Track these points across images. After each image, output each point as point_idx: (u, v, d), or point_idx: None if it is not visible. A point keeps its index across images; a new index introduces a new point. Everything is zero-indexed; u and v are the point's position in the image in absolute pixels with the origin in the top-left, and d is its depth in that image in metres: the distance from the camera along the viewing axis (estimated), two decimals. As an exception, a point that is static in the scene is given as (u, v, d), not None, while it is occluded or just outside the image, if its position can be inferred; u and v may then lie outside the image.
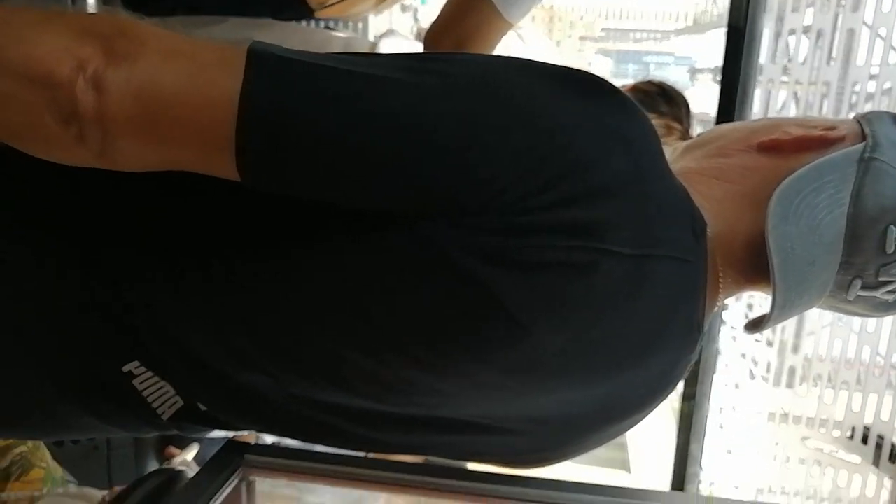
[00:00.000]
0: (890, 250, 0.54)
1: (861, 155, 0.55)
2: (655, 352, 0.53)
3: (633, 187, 0.48)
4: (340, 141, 0.43)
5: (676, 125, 1.15)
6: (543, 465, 0.65)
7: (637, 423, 0.61)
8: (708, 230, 0.54)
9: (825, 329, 1.41)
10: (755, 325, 0.59)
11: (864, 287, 0.57)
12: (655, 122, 1.06)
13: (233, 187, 0.45)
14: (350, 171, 0.44)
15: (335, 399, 0.55)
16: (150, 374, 0.55)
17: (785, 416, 1.47)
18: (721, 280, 0.56)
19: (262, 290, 0.50)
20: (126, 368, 0.54)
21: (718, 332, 1.62)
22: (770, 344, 1.50)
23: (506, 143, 0.44)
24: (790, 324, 1.47)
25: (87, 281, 0.52)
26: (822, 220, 0.54)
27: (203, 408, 0.58)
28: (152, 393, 0.56)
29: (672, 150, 0.65)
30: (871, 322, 1.32)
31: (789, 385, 1.45)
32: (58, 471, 1.28)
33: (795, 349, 1.45)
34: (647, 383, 0.57)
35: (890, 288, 0.57)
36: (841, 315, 0.72)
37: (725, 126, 0.67)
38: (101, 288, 0.52)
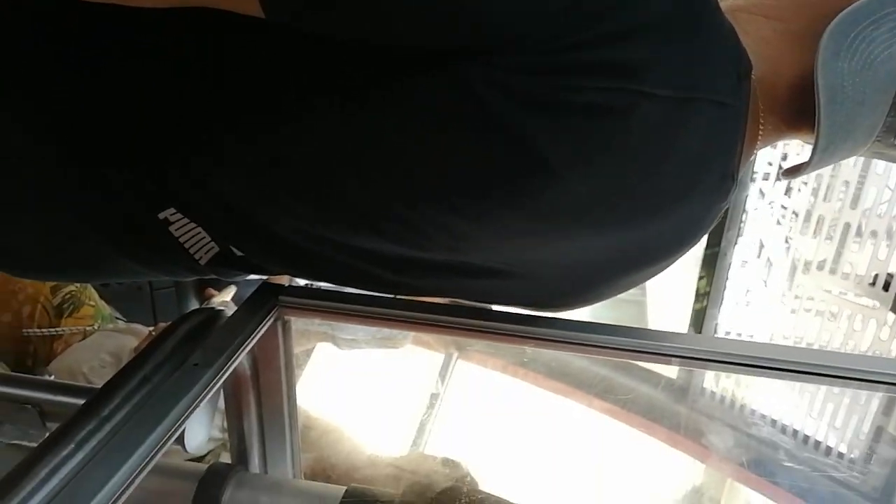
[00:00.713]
0: None
1: None
2: (687, 200, 0.52)
3: (676, 25, 0.44)
4: None
5: None
6: (565, 310, 0.66)
7: (663, 269, 0.61)
8: (753, 73, 0.51)
9: (855, 179, 1.38)
10: (794, 171, 0.56)
11: None
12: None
13: (263, 26, 0.43)
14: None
15: (368, 245, 0.55)
16: (185, 220, 0.56)
17: (808, 264, 1.48)
18: (761, 126, 0.54)
19: (294, 136, 0.49)
20: (162, 216, 0.55)
21: (749, 179, 1.60)
22: (799, 191, 1.48)
23: None
24: (825, 172, 1.44)
25: (117, 127, 0.52)
26: (878, 57, 0.50)
27: (239, 253, 0.59)
28: (189, 239, 0.57)
29: None
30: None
31: (815, 234, 1.45)
32: (106, 309, 1.37)
33: (827, 198, 1.43)
34: (676, 231, 0.55)
35: None
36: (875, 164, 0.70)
37: None
38: (132, 133, 0.52)
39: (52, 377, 1.11)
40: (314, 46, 0.46)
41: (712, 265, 1.58)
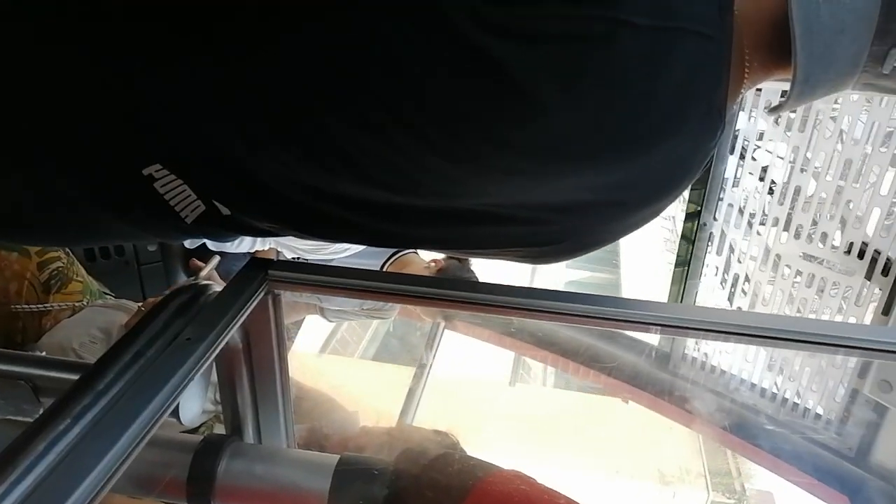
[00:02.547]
0: None
1: None
2: (673, 134, 0.51)
3: None
4: None
5: None
6: (559, 260, 0.65)
7: (655, 214, 0.60)
8: (735, 8, 0.50)
9: (832, 146, 1.40)
10: (777, 107, 0.56)
11: None
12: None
13: None
14: None
15: (354, 191, 0.54)
16: (171, 177, 0.55)
17: (786, 230, 1.50)
18: (747, 64, 0.53)
19: (269, 60, 0.48)
20: (147, 171, 0.54)
21: (727, 151, 1.61)
22: (781, 158, 1.50)
23: None
24: (802, 141, 1.46)
25: (101, 72, 0.51)
26: None
27: (225, 211, 0.58)
28: (174, 196, 0.56)
29: None
30: (879, 140, 1.31)
31: (794, 202, 1.47)
32: (94, 284, 1.37)
33: (804, 168, 1.45)
34: (665, 169, 0.54)
35: None
36: (851, 128, 0.69)
37: None
38: (116, 77, 0.51)
39: (44, 353, 1.11)
40: None
41: (691, 235, 1.61)
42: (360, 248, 1.52)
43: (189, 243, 1.61)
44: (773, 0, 0.51)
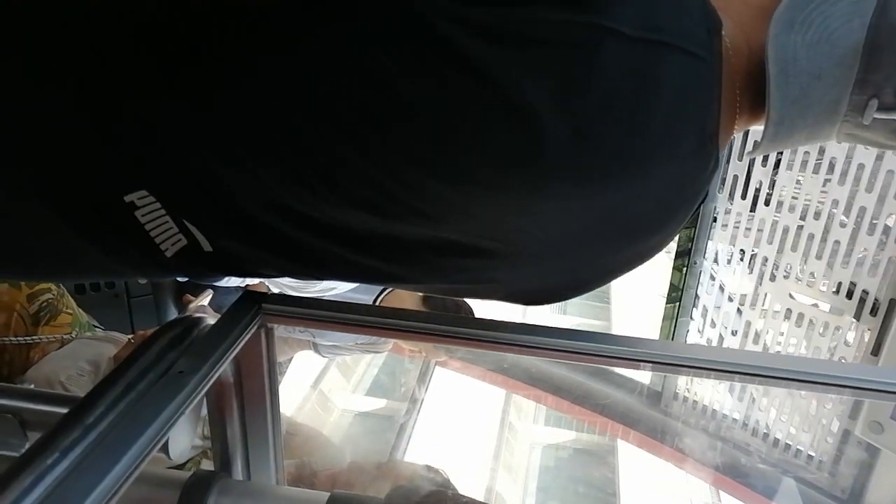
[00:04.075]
0: None
1: None
2: (664, 158, 0.49)
3: None
4: None
5: None
6: (554, 301, 0.63)
7: (645, 256, 0.58)
8: (725, 39, 0.50)
9: (818, 186, 1.42)
10: (752, 150, 0.57)
11: (882, 108, 0.52)
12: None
13: None
14: None
15: (333, 213, 0.52)
16: (153, 205, 0.53)
17: (774, 273, 1.52)
18: (738, 102, 0.53)
19: (258, 87, 0.47)
20: (128, 198, 0.52)
21: (717, 191, 1.63)
22: (767, 204, 1.52)
23: None
24: (788, 183, 1.48)
25: (85, 96, 0.50)
26: (836, 30, 0.50)
27: (207, 248, 0.57)
28: (155, 227, 0.55)
29: None
30: (865, 179, 1.33)
31: (781, 244, 1.49)
32: (84, 317, 1.36)
33: (792, 209, 1.47)
34: (658, 196, 0.52)
35: None
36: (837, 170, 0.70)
37: None
38: (102, 105, 0.50)
39: (32, 386, 1.10)
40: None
41: (682, 273, 1.62)
42: (346, 287, 1.52)
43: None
44: (760, 40, 0.51)
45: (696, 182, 0.53)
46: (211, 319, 0.71)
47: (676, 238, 1.73)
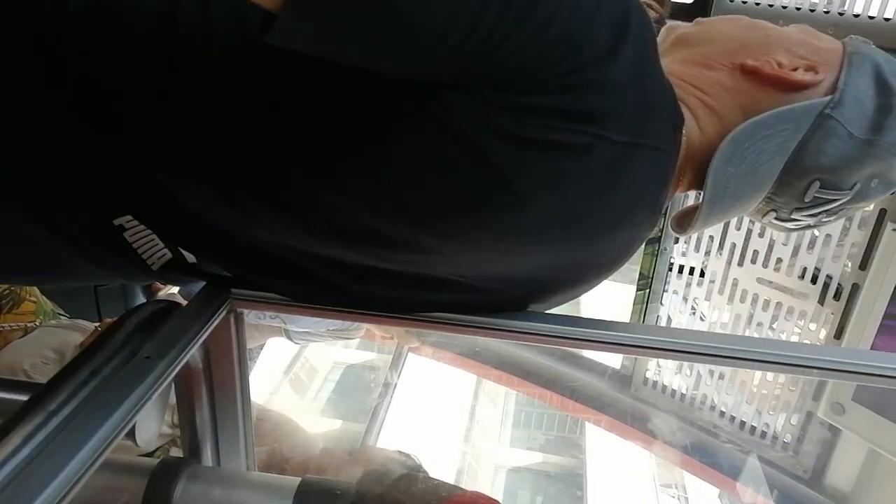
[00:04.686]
0: (808, 200, 0.62)
1: (821, 110, 0.59)
2: (624, 227, 0.59)
3: (636, 80, 0.51)
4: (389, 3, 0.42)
5: (655, 4, 1.09)
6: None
7: (593, 287, 0.69)
8: (684, 131, 0.59)
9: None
10: (680, 226, 0.67)
11: (778, 219, 0.67)
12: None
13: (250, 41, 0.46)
14: (394, 34, 0.43)
15: (329, 252, 0.58)
16: (141, 228, 0.57)
17: (743, 256, 1.54)
18: (682, 176, 0.62)
19: (264, 145, 0.51)
20: (117, 222, 0.56)
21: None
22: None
23: (555, 23, 0.45)
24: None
25: (81, 128, 0.52)
26: (763, 165, 0.60)
27: (191, 260, 0.61)
28: (142, 245, 0.59)
29: (661, 38, 0.68)
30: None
31: (749, 231, 1.51)
32: (48, 305, 1.33)
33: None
34: (612, 252, 0.63)
35: (798, 224, 0.67)
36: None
37: (721, 25, 0.67)
38: (98, 135, 0.52)
39: (-8, 374, 1.07)
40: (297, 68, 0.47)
41: (652, 260, 1.64)
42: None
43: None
44: (708, 134, 0.61)
45: (643, 237, 0.64)
46: (179, 304, 0.69)
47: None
